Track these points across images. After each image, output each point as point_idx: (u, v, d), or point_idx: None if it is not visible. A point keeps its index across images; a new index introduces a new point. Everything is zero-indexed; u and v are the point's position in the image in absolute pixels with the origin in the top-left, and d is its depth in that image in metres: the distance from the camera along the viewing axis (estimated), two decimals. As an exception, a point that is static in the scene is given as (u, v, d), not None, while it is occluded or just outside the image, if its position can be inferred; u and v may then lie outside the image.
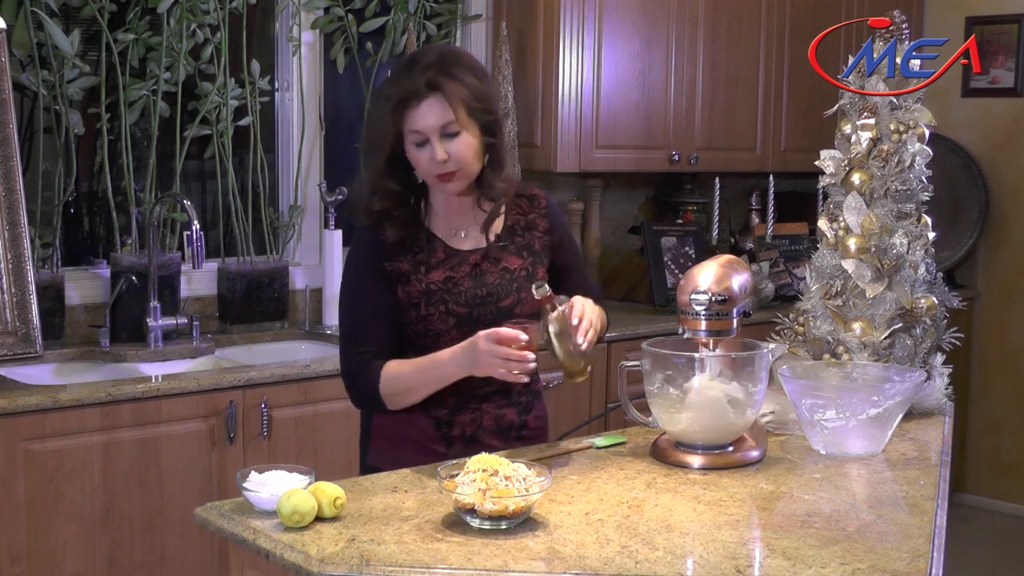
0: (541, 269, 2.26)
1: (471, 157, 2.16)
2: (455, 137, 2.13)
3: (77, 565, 2.78)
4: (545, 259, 2.28)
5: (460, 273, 2.21)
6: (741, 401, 2.13)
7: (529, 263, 2.25)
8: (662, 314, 4.15)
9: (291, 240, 3.84)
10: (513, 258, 2.24)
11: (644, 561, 1.64)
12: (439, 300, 2.19)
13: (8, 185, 2.91)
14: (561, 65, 4.00)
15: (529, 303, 2.19)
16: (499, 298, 2.21)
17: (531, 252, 2.26)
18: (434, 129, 2.12)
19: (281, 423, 3.08)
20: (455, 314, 2.19)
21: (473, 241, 2.25)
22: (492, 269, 2.22)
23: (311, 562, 1.63)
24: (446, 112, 2.11)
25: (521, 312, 2.21)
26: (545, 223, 2.30)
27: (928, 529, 1.81)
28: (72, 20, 3.38)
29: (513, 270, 2.23)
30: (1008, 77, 5.11)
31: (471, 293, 2.20)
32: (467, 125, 2.14)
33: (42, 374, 3.14)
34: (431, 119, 2.12)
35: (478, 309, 2.20)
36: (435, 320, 2.19)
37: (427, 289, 2.19)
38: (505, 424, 2.26)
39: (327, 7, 3.80)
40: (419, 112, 2.12)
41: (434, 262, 2.21)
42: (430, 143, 2.13)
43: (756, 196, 4.92)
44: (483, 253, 2.23)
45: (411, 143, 2.15)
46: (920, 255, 2.52)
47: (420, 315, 2.19)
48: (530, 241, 2.27)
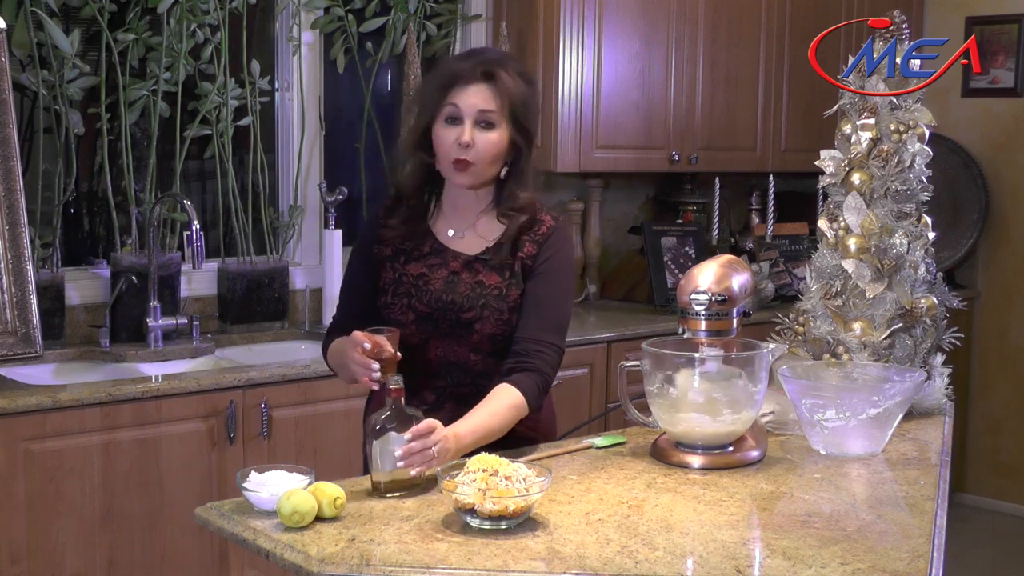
0: (516, 291, 2.19)
1: (492, 156, 2.16)
2: (487, 129, 2.14)
3: (77, 565, 2.78)
4: (521, 283, 2.20)
5: (437, 274, 2.21)
6: (740, 401, 2.13)
7: (505, 284, 2.19)
8: (662, 314, 4.15)
9: (291, 240, 3.84)
10: (492, 274, 2.20)
11: (644, 561, 1.64)
12: (405, 293, 2.21)
13: (8, 185, 2.91)
14: (561, 65, 4.00)
15: (490, 322, 2.17)
16: (462, 309, 2.18)
17: (511, 273, 2.20)
18: (472, 110, 2.13)
19: (281, 423, 3.08)
20: (416, 310, 2.20)
21: (463, 245, 2.24)
22: (468, 280, 2.20)
23: (311, 562, 1.63)
24: (490, 100, 2.13)
25: (481, 329, 2.17)
26: (533, 249, 2.20)
27: (928, 529, 1.81)
28: (72, 20, 3.37)
29: (487, 286, 2.19)
30: (1008, 77, 5.11)
31: (436, 296, 2.19)
32: (503, 123, 2.15)
33: (42, 374, 3.14)
34: (474, 99, 2.13)
35: (439, 313, 2.19)
36: (396, 310, 2.21)
37: (398, 278, 2.22)
38: None
39: (327, 7, 3.80)
40: (465, 91, 2.14)
41: (417, 255, 2.23)
42: (462, 123, 2.13)
43: (756, 196, 4.92)
44: (465, 261, 2.22)
45: (443, 117, 2.15)
46: (920, 255, 2.52)
47: (386, 302, 2.23)
48: (512, 262, 2.20)
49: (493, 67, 2.15)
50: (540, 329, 2.16)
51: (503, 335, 2.18)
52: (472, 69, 2.15)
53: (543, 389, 2.15)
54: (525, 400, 2.10)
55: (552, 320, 2.19)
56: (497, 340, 2.18)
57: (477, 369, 2.20)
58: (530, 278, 2.19)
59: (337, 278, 3.74)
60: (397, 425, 1.92)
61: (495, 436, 2.07)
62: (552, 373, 2.17)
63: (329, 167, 3.93)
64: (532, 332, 2.16)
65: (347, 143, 3.99)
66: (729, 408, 2.12)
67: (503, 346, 2.18)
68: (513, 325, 2.18)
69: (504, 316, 2.17)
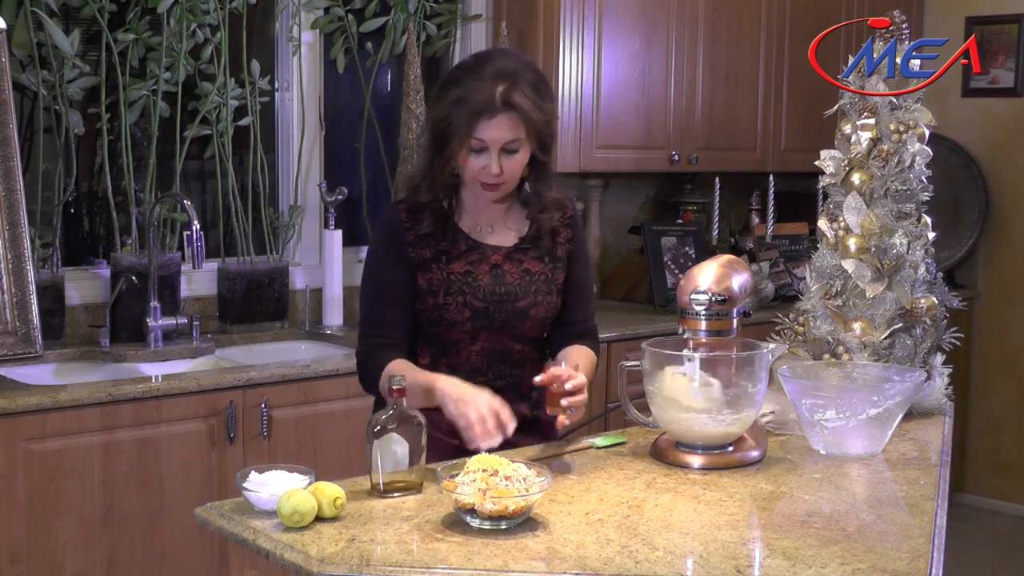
0: (561, 274, 2.30)
1: (518, 174, 2.22)
2: (514, 154, 2.18)
3: (77, 565, 2.78)
4: (564, 267, 2.32)
5: (480, 268, 2.25)
6: (740, 401, 2.13)
7: (549, 268, 2.29)
8: (662, 314, 4.15)
9: (291, 240, 3.84)
10: (535, 261, 2.28)
11: (644, 561, 1.64)
12: (458, 291, 2.23)
13: (8, 185, 2.91)
14: (561, 65, 4.00)
15: (543, 307, 2.27)
16: (516, 298, 2.25)
17: (553, 258, 2.30)
18: (498, 143, 2.16)
19: (281, 423, 3.08)
20: (472, 307, 2.23)
21: (497, 239, 2.29)
22: (513, 269, 2.26)
23: (311, 562, 1.63)
24: (515, 130, 2.15)
25: (535, 315, 2.26)
26: (568, 232, 2.33)
27: (928, 529, 1.81)
28: (72, 20, 3.37)
29: (534, 273, 2.28)
30: (1008, 77, 5.11)
31: (489, 289, 2.24)
32: (525, 144, 2.18)
33: (42, 374, 3.14)
34: (500, 133, 2.15)
35: (494, 306, 2.24)
36: (452, 310, 2.23)
37: (447, 278, 2.23)
38: (518, 417, 2.25)
39: (327, 7, 3.80)
40: (490, 125, 2.14)
41: (456, 253, 2.25)
42: (488, 152, 2.16)
43: (756, 196, 4.93)
44: (505, 253, 2.27)
45: (470, 148, 2.17)
46: (920, 255, 2.52)
47: (438, 303, 2.23)
48: (552, 247, 2.31)
49: (510, 92, 2.13)
50: (590, 311, 2.39)
51: (551, 319, 2.31)
52: (491, 97, 2.13)
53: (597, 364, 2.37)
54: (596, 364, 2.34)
55: (592, 301, 2.43)
56: (545, 324, 2.31)
57: (517, 359, 2.28)
58: (572, 262, 2.34)
59: (337, 278, 3.74)
60: (397, 426, 1.92)
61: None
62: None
63: (329, 167, 3.93)
64: (584, 314, 2.37)
65: (347, 143, 3.99)
66: (729, 408, 2.12)
67: (547, 331, 2.34)
68: (558, 307, 2.31)
69: (553, 299, 2.29)
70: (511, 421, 2.05)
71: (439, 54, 4.05)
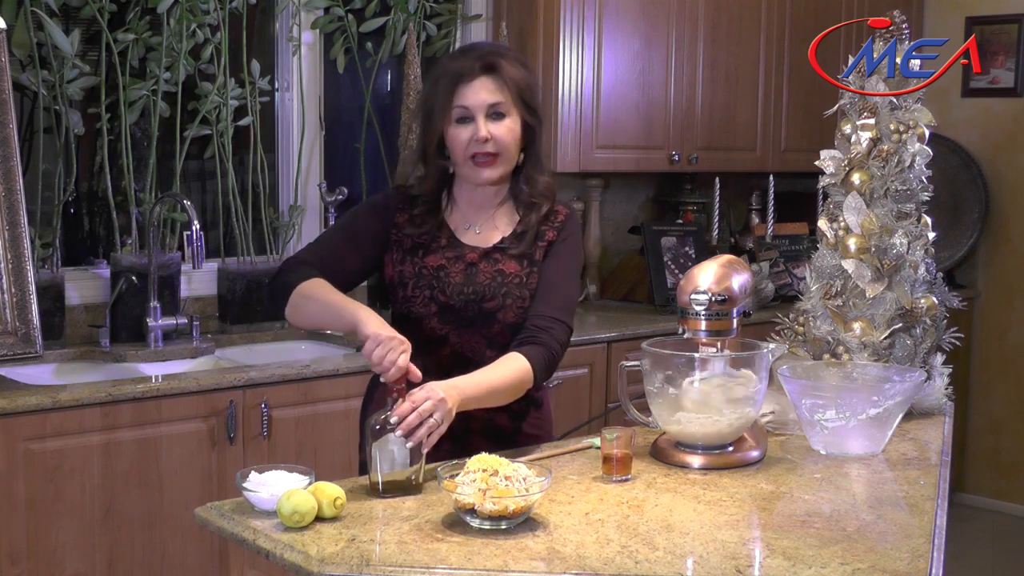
0: (536, 278, 2.23)
1: (512, 142, 2.18)
2: (500, 119, 2.16)
3: (77, 565, 2.78)
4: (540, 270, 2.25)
5: (456, 266, 2.22)
6: (740, 401, 2.13)
7: (526, 272, 2.23)
8: (662, 314, 4.15)
9: (291, 240, 3.83)
10: (511, 262, 2.23)
11: (644, 561, 1.64)
12: (426, 284, 2.21)
13: (8, 185, 2.91)
14: (561, 65, 4.00)
15: (512, 310, 2.19)
16: (484, 298, 2.21)
17: (531, 262, 2.24)
18: (482, 106, 2.15)
19: (281, 423, 3.08)
20: (438, 301, 2.21)
21: (479, 239, 2.26)
22: (487, 269, 2.22)
23: (311, 562, 1.63)
24: (497, 92, 2.15)
25: (503, 318, 2.20)
26: (554, 234, 2.26)
27: (928, 529, 1.81)
28: (72, 20, 3.37)
29: (508, 274, 2.22)
30: (1008, 77, 5.11)
31: (458, 287, 2.21)
32: (513, 110, 2.17)
33: (42, 374, 3.14)
34: (482, 95, 2.14)
35: (461, 304, 2.21)
36: (418, 303, 2.21)
37: (418, 272, 2.22)
38: (496, 428, 2.25)
39: (327, 7, 3.80)
40: (470, 88, 2.15)
41: (434, 247, 2.24)
42: (474, 121, 2.15)
43: (756, 196, 4.92)
44: (483, 252, 2.24)
45: (454, 119, 2.16)
46: (920, 255, 2.52)
47: (406, 295, 2.22)
48: (533, 250, 2.24)
49: (492, 58, 2.17)
50: (552, 307, 2.20)
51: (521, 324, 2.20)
52: (472, 65, 2.16)
53: (551, 365, 2.17)
54: (532, 371, 2.12)
55: (562, 299, 2.23)
56: (516, 331, 2.20)
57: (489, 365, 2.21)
58: (548, 258, 2.24)
59: (337, 278, 3.74)
60: (396, 426, 1.92)
61: (497, 398, 2.09)
62: (560, 351, 2.19)
63: (329, 167, 3.93)
64: (543, 310, 2.19)
65: (347, 143, 3.99)
66: (729, 408, 2.12)
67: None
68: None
69: (525, 304, 2.21)
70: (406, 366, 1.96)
71: (439, 54, 4.05)
